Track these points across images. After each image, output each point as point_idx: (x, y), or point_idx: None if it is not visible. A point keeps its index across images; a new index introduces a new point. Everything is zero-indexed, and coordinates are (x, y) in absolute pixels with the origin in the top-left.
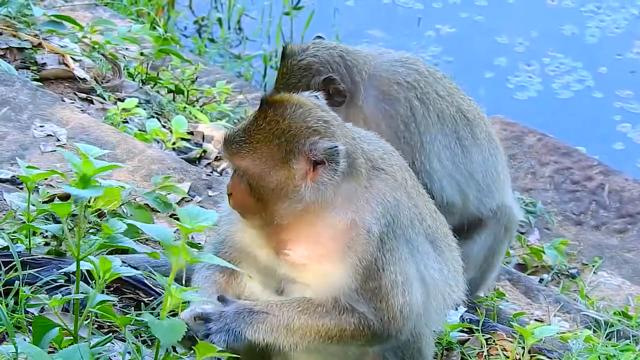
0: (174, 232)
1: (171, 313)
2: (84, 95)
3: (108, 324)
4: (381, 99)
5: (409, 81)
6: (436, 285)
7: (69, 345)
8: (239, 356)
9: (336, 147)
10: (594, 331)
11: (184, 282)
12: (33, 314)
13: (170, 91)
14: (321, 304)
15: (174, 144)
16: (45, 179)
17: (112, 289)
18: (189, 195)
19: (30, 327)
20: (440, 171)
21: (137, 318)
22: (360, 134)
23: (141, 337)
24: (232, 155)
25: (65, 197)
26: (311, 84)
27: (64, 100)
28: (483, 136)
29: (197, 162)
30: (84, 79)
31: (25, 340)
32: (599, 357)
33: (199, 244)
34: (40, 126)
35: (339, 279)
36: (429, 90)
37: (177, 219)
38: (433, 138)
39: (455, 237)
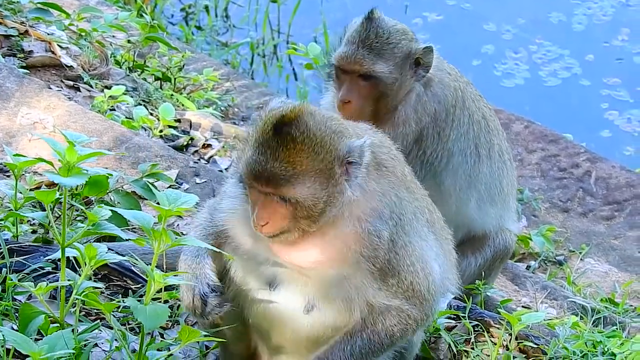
0: None
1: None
2: (71, 83)
3: (95, 311)
4: (436, 81)
5: (454, 74)
6: (443, 271)
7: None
8: (224, 340)
9: (365, 143)
10: (581, 318)
11: (164, 267)
12: (20, 301)
13: (157, 79)
14: (362, 327)
15: (161, 131)
16: (33, 166)
17: (99, 276)
18: (177, 182)
19: (18, 315)
20: (443, 173)
21: (123, 304)
22: (359, 127)
23: (128, 324)
24: (279, 187)
25: (52, 185)
26: (412, 47)
27: (50, 88)
28: (497, 149)
29: (184, 149)
30: (71, 66)
31: (12, 327)
32: (585, 343)
33: (182, 232)
34: (27, 114)
35: (357, 285)
36: (465, 89)
37: None
38: (458, 137)
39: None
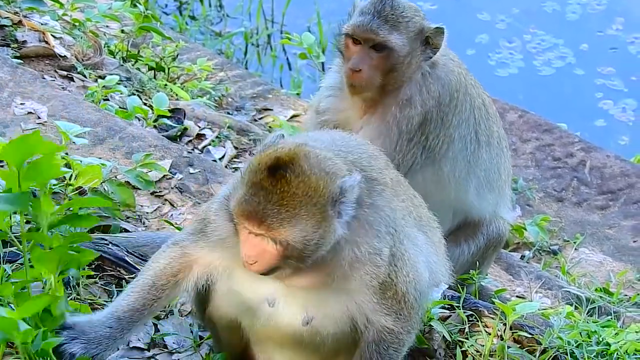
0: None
1: None
2: (65, 73)
3: (90, 300)
4: (441, 65)
5: (456, 60)
6: (432, 270)
7: None
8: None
9: (356, 180)
10: (576, 307)
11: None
12: None
13: (151, 68)
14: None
15: (155, 121)
16: None
17: (93, 266)
18: (170, 172)
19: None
20: (442, 159)
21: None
22: (346, 143)
23: None
24: (270, 229)
25: None
26: (425, 25)
27: (44, 78)
28: (496, 135)
29: (178, 139)
30: (65, 56)
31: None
32: (580, 333)
33: (176, 223)
34: (21, 104)
35: (357, 301)
36: (467, 75)
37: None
38: (460, 123)
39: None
